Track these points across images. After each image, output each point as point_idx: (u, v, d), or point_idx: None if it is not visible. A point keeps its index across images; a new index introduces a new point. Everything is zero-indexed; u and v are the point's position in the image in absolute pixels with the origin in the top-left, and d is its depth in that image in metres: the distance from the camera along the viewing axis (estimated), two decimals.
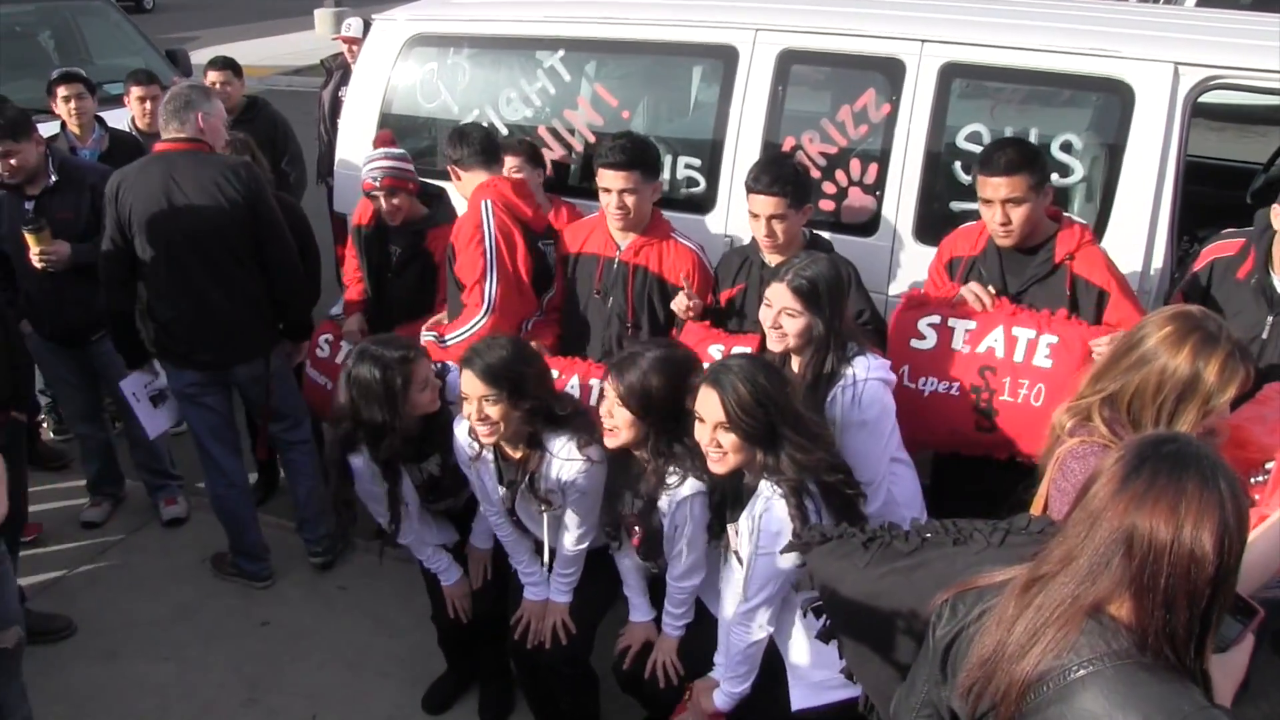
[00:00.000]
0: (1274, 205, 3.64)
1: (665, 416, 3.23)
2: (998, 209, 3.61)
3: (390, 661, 4.40)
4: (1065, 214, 3.86)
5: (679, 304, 3.97)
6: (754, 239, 3.97)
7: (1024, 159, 3.56)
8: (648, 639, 3.60)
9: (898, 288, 4.30)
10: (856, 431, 3.34)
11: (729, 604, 3.22)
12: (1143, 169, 4.06)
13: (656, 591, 3.62)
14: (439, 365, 3.81)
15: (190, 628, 4.62)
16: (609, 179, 4.02)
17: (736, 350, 3.68)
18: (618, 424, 3.26)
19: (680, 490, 3.25)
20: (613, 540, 3.53)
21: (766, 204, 3.80)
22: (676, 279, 4.06)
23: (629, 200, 4.02)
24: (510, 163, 4.49)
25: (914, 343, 3.72)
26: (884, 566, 2.36)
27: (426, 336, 4.22)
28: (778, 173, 3.82)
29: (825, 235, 4.21)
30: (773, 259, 3.90)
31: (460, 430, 3.58)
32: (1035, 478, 2.84)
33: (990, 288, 3.71)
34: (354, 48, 7.12)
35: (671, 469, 3.26)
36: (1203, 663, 1.73)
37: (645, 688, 3.59)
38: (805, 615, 2.66)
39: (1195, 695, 1.68)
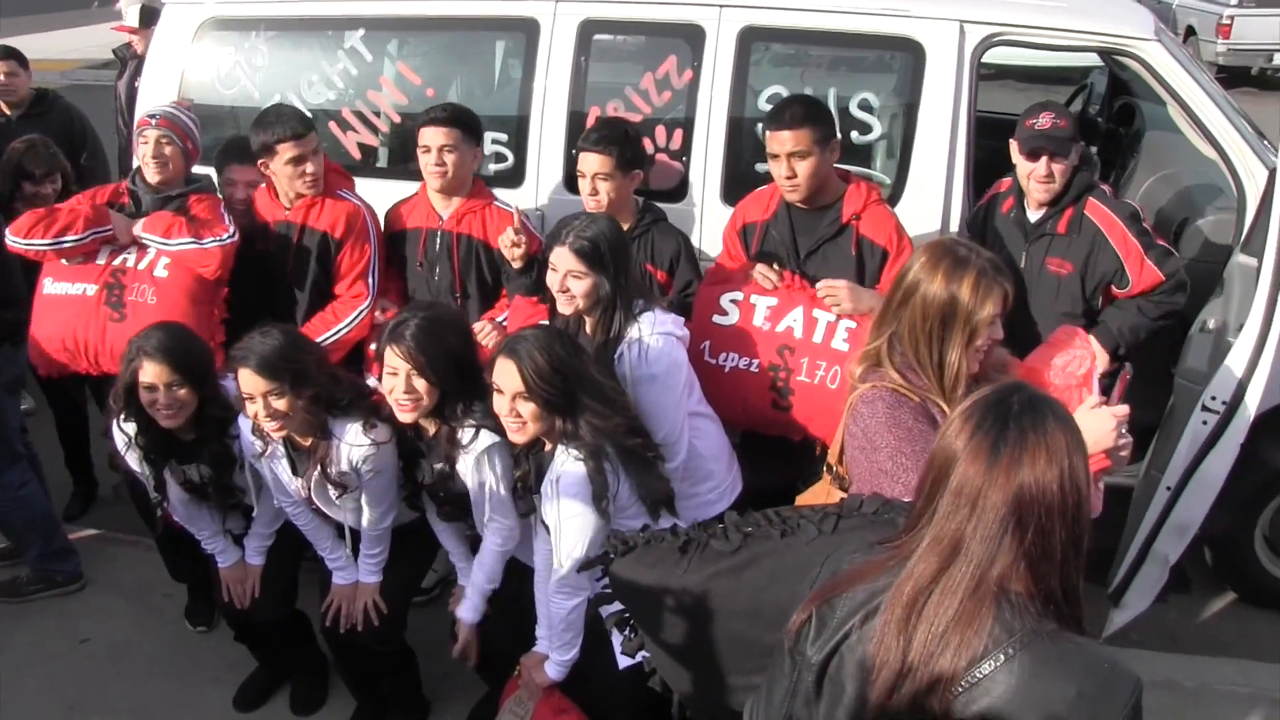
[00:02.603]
0: (1011, 140, 3.89)
1: (451, 377, 3.23)
2: (784, 163, 3.68)
3: (222, 666, 4.25)
4: (854, 174, 3.95)
5: (505, 239, 3.91)
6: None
7: (809, 114, 3.64)
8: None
9: (708, 250, 4.32)
10: (647, 386, 3.36)
11: (545, 579, 3.23)
12: (936, 125, 4.21)
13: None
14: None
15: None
16: (429, 136, 4.00)
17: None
18: (420, 394, 3.23)
19: (476, 445, 3.25)
20: (415, 511, 3.53)
21: (593, 161, 3.82)
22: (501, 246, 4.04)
23: (449, 158, 4.01)
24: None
25: (716, 318, 3.75)
26: (707, 569, 2.30)
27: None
28: (607, 132, 3.85)
29: None
30: None
31: (246, 427, 3.50)
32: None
33: (776, 265, 3.77)
34: (136, 37, 6.81)
35: (467, 423, 3.26)
36: (1079, 608, 1.74)
37: (484, 653, 3.59)
38: (610, 630, 2.61)
39: (1101, 648, 1.71)
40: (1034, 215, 3.99)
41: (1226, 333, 3.80)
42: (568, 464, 3.02)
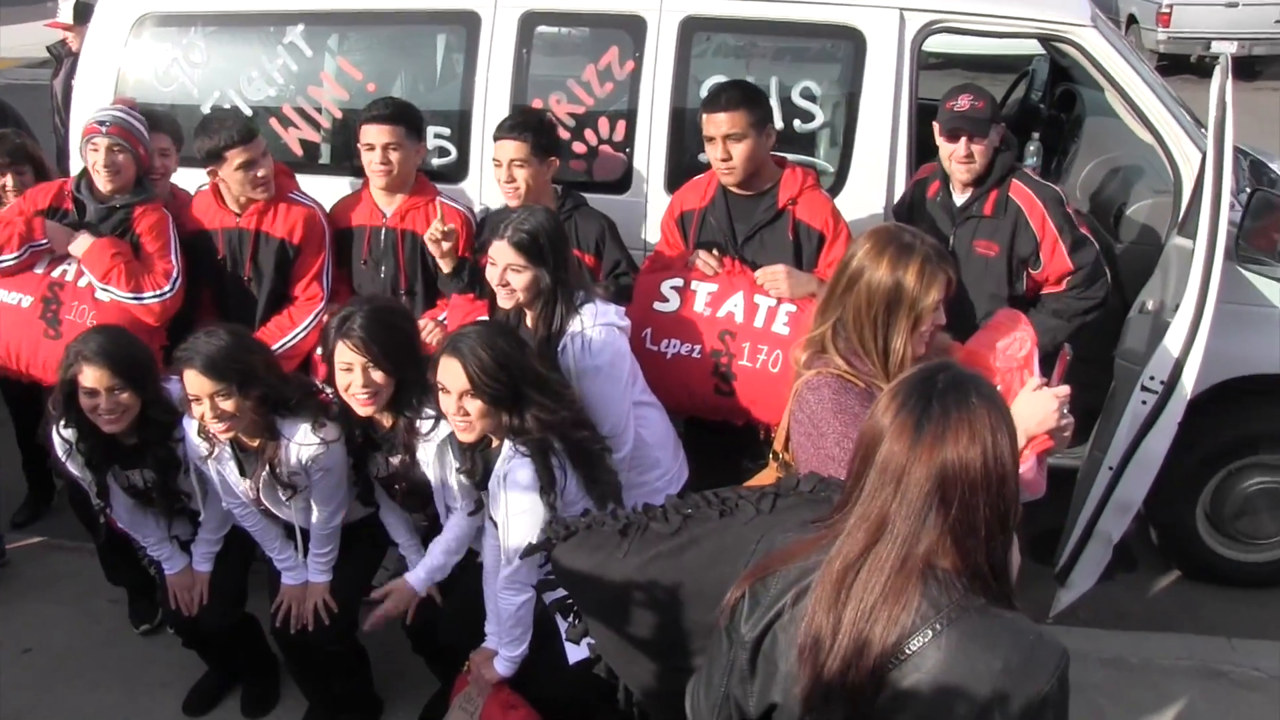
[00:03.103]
0: (934, 123, 3.94)
1: (406, 365, 3.23)
2: (719, 145, 3.72)
3: (170, 670, 4.18)
4: (789, 160, 3.98)
5: (431, 232, 3.86)
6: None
7: (745, 97, 3.70)
8: (430, 594, 3.58)
9: (654, 240, 4.32)
10: (592, 378, 3.37)
11: (494, 575, 3.23)
12: (878, 112, 4.24)
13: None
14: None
15: None
16: (371, 134, 3.97)
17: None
18: (378, 385, 3.22)
19: (437, 433, 3.26)
20: (369, 507, 3.52)
21: (509, 148, 3.82)
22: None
23: (393, 156, 3.98)
24: None
25: (657, 305, 3.77)
26: (648, 552, 2.31)
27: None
28: (522, 119, 3.87)
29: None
30: None
31: (191, 430, 3.45)
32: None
33: (715, 251, 3.78)
34: (71, 34, 6.69)
35: (425, 412, 3.25)
36: (1008, 583, 1.75)
37: (435, 646, 3.59)
38: (554, 616, 2.61)
39: (1028, 622, 1.71)
40: (960, 198, 4.03)
41: (1164, 313, 3.86)
42: (515, 459, 3.02)
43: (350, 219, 4.22)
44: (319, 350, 3.68)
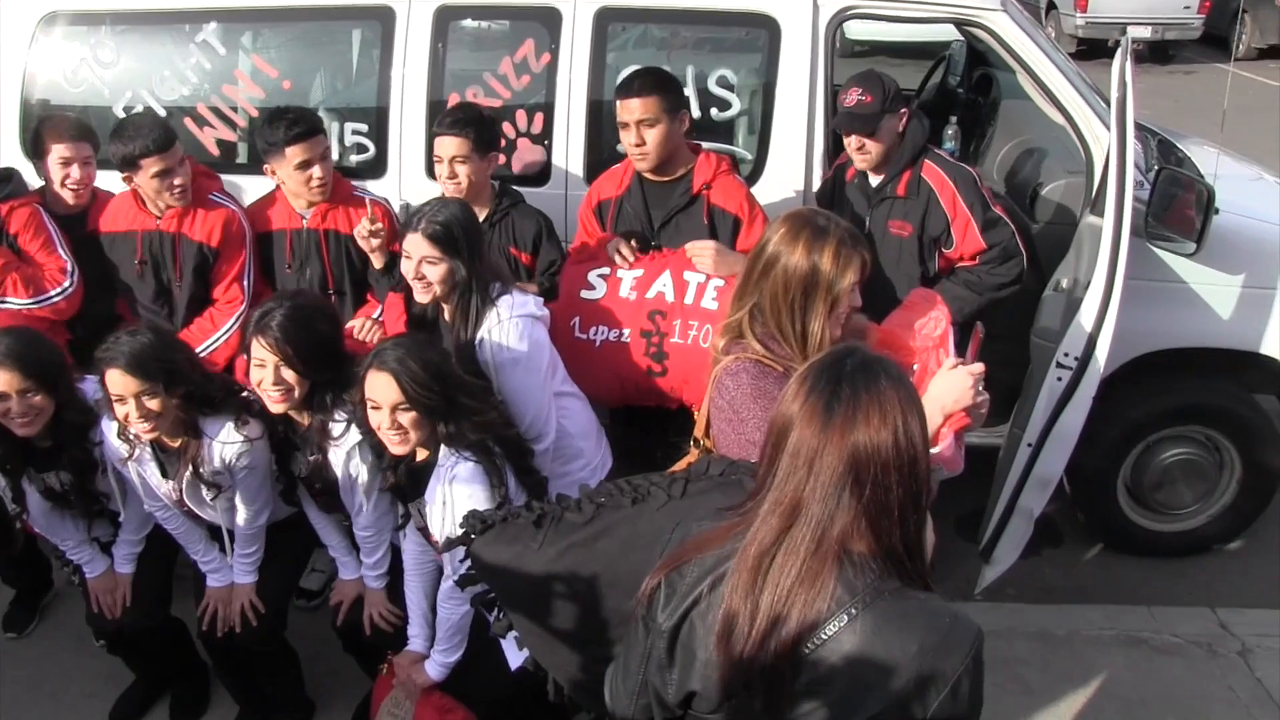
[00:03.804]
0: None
1: (320, 366, 3.20)
2: (633, 130, 3.73)
3: (97, 680, 4.11)
4: (704, 147, 4.00)
5: (361, 229, 3.87)
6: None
7: (657, 83, 3.73)
8: (359, 594, 3.57)
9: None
10: (510, 370, 3.36)
11: (415, 581, 3.28)
12: (794, 99, 4.27)
13: None
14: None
15: None
16: (304, 151, 3.88)
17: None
18: (289, 384, 3.20)
19: (348, 438, 3.23)
20: (291, 506, 3.50)
21: (450, 144, 3.80)
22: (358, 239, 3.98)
23: (325, 170, 3.94)
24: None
25: (584, 293, 3.76)
26: (562, 542, 2.31)
27: None
28: (462, 115, 3.83)
29: None
30: None
31: (111, 431, 3.39)
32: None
33: (634, 242, 3.79)
34: None
35: (336, 415, 3.23)
36: (923, 564, 1.76)
37: (365, 645, 3.57)
38: (476, 610, 2.61)
39: (943, 603, 1.73)
40: (875, 180, 4.08)
41: (1077, 290, 3.93)
42: (458, 466, 3.00)
43: (270, 223, 4.14)
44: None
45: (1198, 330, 4.47)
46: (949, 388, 2.67)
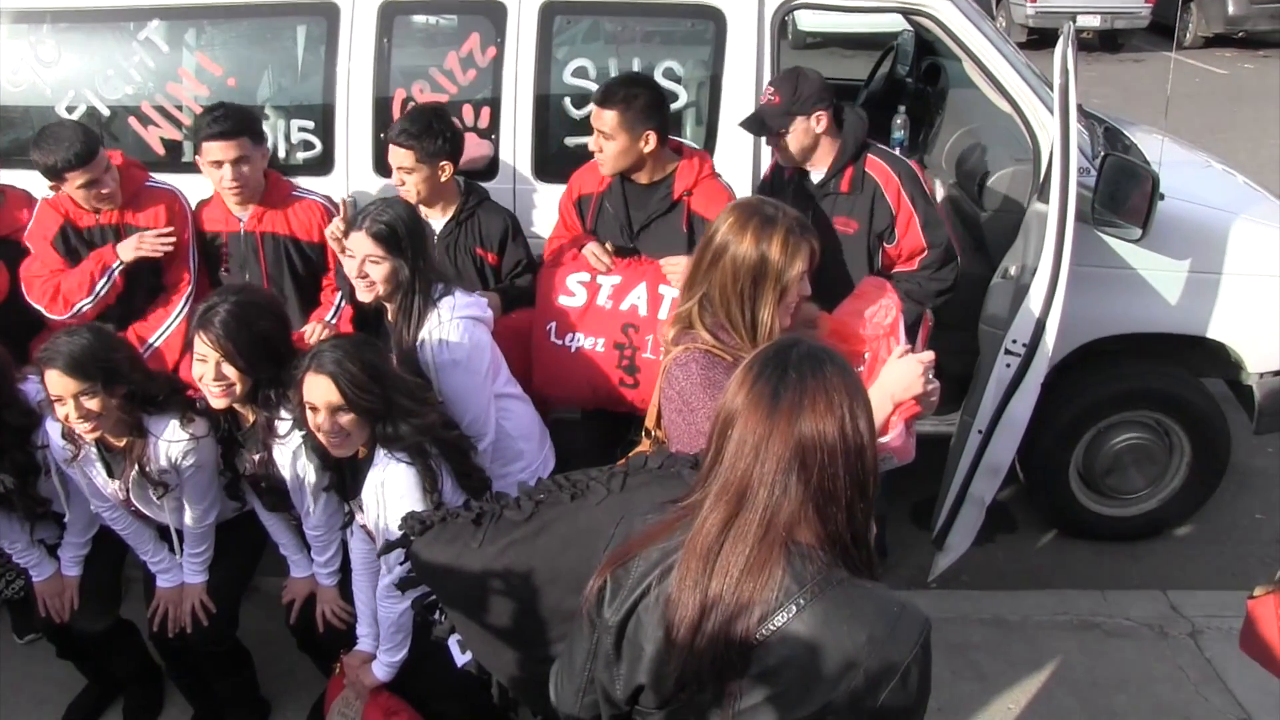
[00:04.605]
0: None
1: (263, 364, 3.18)
2: (596, 136, 3.73)
3: (49, 685, 4.05)
4: (686, 145, 3.99)
5: (331, 230, 3.85)
6: None
7: (623, 97, 3.69)
8: (312, 591, 3.55)
9: (525, 227, 4.29)
10: (450, 372, 3.35)
11: (363, 579, 3.25)
12: (741, 91, 4.26)
13: None
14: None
15: None
16: (217, 151, 3.84)
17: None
18: (231, 380, 3.17)
19: (293, 437, 3.20)
20: (235, 500, 3.48)
21: (397, 155, 3.80)
22: (309, 235, 3.97)
23: (245, 169, 3.88)
24: None
25: (561, 299, 3.76)
26: (502, 540, 2.29)
27: None
28: (409, 125, 3.80)
29: None
30: (426, 209, 3.88)
31: (55, 432, 3.35)
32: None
33: (609, 245, 3.76)
34: None
35: (282, 413, 3.20)
36: (869, 553, 1.75)
37: (320, 644, 3.56)
38: (415, 613, 2.60)
39: (890, 592, 1.73)
40: (817, 175, 4.02)
41: (1024, 277, 3.95)
42: (391, 466, 2.99)
43: (205, 225, 4.12)
44: None
45: (1145, 316, 4.51)
46: (899, 376, 2.68)
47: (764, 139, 4.07)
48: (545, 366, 3.72)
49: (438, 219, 3.97)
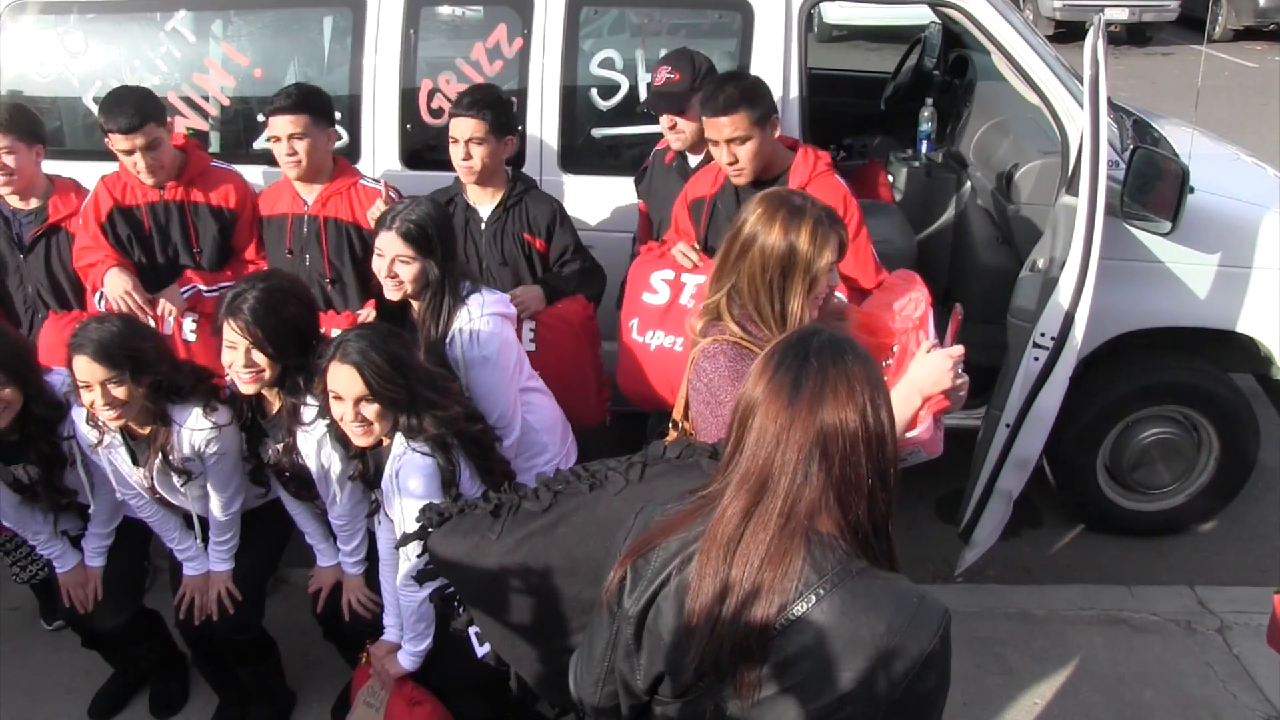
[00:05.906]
0: None
1: (291, 350, 3.19)
2: (724, 149, 3.60)
3: (75, 676, 4.08)
4: (801, 142, 3.93)
5: (373, 213, 3.83)
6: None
7: (742, 95, 3.55)
8: (338, 580, 3.56)
9: None
10: (480, 368, 3.35)
11: (389, 568, 3.25)
12: (769, 81, 4.21)
13: None
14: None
15: None
16: (278, 125, 3.88)
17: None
18: (260, 367, 3.18)
19: (318, 426, 3.20)
20: (259, 486, 3.49)
21: (466, 126, 3.76)
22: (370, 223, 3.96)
23: (299, 146, 3.89)
24: None
25: (646, 296, 3.72)
26: (520, 532, 2.29)
27: None
28: (480, 96, 3.79)
29: None
30: (475, 194, 3.89)
31: (80, 419, 3.37)
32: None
33: (696, 246, 3.74)
34: None
35: (308, 400, 3.21)
36: (889, 543, 1.75)
37: (345, 633, 3.56)
38: (434, 605, 2.59)
39: (910, 583, 1.72)
40: (695, 160, 3.99)
41: (1052, 270, 3.92)
42: (409, 457, 2.99)
43: (273, 208, 4.13)
44: None
45: (1174, 310, 4.47)
46: (928, 370, 2.66)
47: (663, 118, 3.97)
48: (627, 363, 3.70)
49: (486, 204, 3.96)
